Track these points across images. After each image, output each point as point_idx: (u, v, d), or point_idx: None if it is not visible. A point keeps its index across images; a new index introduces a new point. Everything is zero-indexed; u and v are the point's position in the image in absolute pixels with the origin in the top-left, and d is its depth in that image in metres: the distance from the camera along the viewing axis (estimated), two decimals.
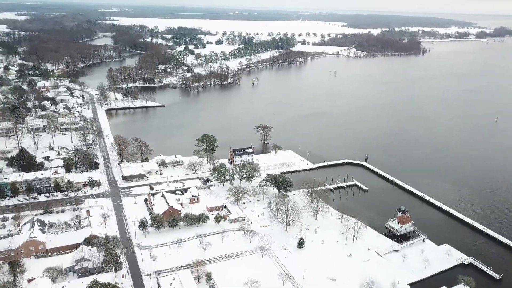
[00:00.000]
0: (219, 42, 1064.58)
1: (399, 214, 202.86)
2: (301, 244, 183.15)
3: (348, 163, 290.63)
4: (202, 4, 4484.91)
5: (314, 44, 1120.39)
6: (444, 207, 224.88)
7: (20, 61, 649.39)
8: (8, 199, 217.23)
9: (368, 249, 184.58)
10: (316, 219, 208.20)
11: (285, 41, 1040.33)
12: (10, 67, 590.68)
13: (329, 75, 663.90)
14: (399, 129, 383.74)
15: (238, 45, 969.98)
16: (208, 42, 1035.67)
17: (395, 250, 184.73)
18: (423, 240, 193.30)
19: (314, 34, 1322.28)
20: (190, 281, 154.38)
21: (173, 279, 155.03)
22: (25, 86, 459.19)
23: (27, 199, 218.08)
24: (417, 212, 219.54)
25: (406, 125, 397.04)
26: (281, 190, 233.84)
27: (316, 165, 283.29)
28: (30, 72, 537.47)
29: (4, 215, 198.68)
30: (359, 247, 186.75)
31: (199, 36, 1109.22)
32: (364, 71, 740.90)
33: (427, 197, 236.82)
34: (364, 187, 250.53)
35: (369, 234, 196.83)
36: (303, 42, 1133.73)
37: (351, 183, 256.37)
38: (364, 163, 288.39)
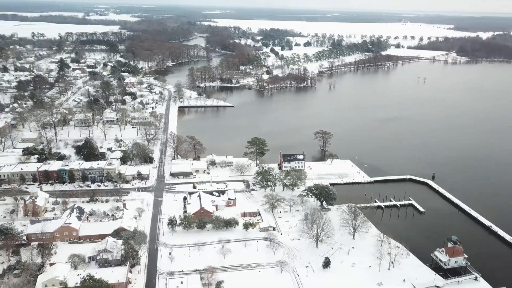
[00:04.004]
0: (307, 44, 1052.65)
1: (450, 244, 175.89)
2: (326, 264, 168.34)
3: (410, 180, 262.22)
4: (302, 6, 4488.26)
5: (409, 48, 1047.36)
6: None
7: (119, 59, 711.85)
8: (66, 185, 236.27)
9: (404, 280, 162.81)
10: (353, 238, 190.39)
11: (377, 43, 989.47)
12: (108, 63, 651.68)
13: (417, 81, 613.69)
14: (485, 144, 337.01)
15: (327, 47, 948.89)
16: (296, 44, 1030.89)
17: (436, 286, 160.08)
18: (476, 278, 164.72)
19: (412, 37, 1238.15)
20: (198, 287, 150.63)
21: (181, 283, 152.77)
22: (115, 82, 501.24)
23: (81, 186, 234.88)
24: (479, 244, 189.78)
25: (495, 141, 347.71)
26: (323, 203, 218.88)
27: (372, 179, 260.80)
28: (122, 68, 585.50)
29: (57, 199, 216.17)
30: (394, 276, 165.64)
31: (287, 37, 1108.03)
32: (460, 79, 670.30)
33: (495, 228, 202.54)
34: (421, 209, 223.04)
35: (411, 263, 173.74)
36: (397, 46, 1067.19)
37: (407, 202, 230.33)
38: (429, 181, 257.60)
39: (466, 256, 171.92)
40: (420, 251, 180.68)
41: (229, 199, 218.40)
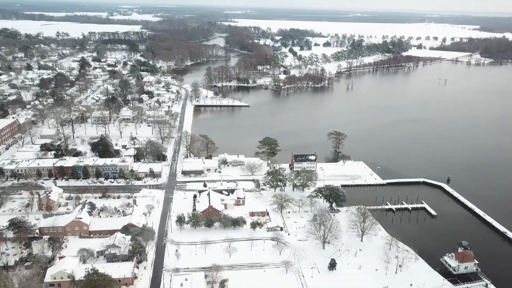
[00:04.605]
0: (326, 44, 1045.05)
1: (460, 249, 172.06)
2: (332, 265, 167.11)
3: (424, 183, 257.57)
4: (323, 6, 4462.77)
5: (431, 48, 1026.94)
6: None
7: (139, 58, 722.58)
8: (80, 181, 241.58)
9: (411, 284, 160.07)
10: (361, 240, 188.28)
11: (397, 44, 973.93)
12: (128, 62, 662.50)
13: (438, 83, 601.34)
14: (503, 148, 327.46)
15: (346, 48, 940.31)
16: (315, 44, 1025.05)
17: None
18: (486, 285, 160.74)
19: (435, 38, 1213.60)
20: (202, 284, 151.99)
21: (185, 280, 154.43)
22: (134, 80, 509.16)
23: (94, 182, 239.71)
24: (492, 250, 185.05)
25: None
26: (332, 204, 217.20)
27: (385, 181, 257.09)
28: (141, 67, 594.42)
29: (71, 194, 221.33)
30: (401, 280, 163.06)
31: (307, 38, 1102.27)
32: (483, 80, 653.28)
33: (509, 234, 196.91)
34: (434, 212, 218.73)
35: (419, 267, 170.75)
36: (419, 46, 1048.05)
37: (419, 205, 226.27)
38: (444, 185, 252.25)
39: (476, 262, 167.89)
40: (430, 256, 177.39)
41: (238, 198, 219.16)
